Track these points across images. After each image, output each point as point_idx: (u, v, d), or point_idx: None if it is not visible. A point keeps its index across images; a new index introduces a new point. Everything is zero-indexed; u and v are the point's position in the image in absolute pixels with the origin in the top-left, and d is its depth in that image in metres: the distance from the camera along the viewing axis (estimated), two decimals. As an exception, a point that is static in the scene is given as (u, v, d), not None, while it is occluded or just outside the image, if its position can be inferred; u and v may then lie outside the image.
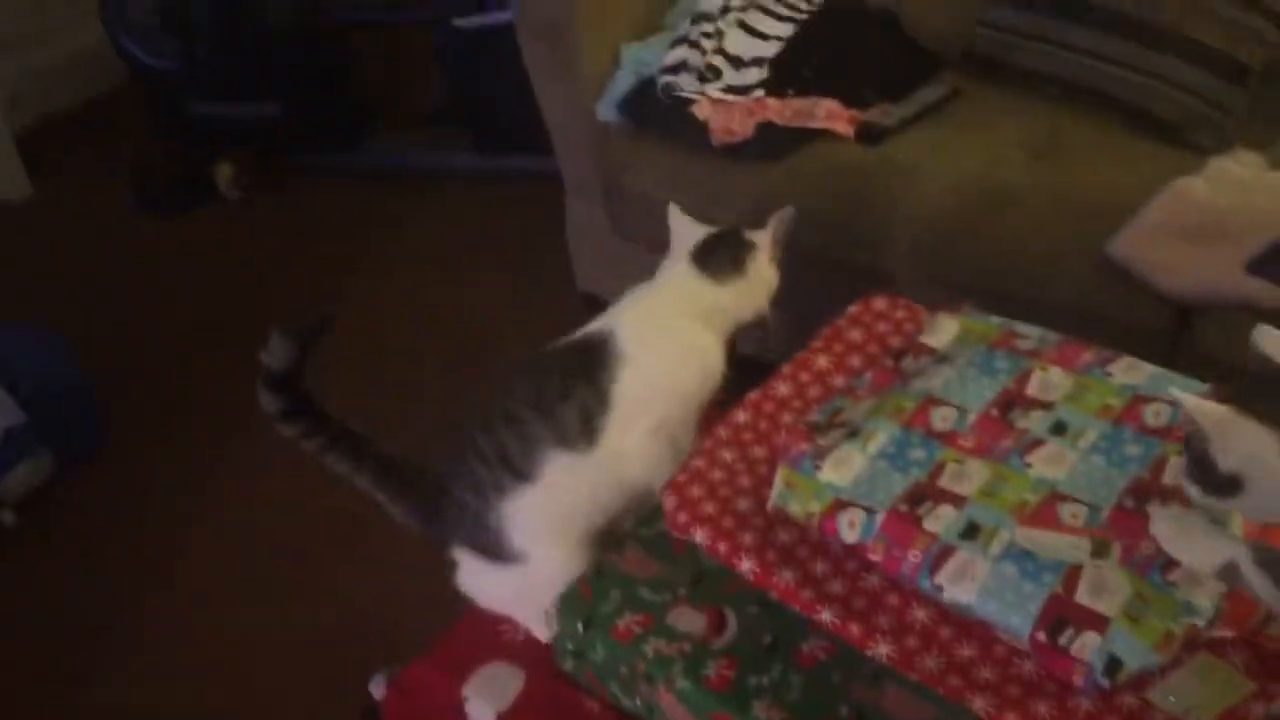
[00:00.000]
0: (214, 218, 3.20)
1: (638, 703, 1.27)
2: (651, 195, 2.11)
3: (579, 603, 1.30)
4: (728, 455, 1.28)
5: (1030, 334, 1.32)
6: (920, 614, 1.11)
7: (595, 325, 1.43)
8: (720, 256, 1.46)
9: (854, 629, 1.10)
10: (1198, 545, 1.05)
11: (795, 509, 1.16)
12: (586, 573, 1.35)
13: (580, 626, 1.28)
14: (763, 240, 1.49)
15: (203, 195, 3.20)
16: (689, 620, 1.27)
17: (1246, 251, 1.76)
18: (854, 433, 1.20)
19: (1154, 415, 1.18)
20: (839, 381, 1.34)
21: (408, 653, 1.44)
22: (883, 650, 1.09)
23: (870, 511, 1.13)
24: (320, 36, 3.18)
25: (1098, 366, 1.25)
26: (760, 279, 1.47)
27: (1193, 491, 1.01)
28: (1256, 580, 1.01)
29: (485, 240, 3.00)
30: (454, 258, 2.96)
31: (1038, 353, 1.28)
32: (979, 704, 1.03)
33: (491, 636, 1.41)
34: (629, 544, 1.37)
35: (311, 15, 3.12)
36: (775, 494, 1.17)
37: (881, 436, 1.19)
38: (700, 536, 1.20)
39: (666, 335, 1.42)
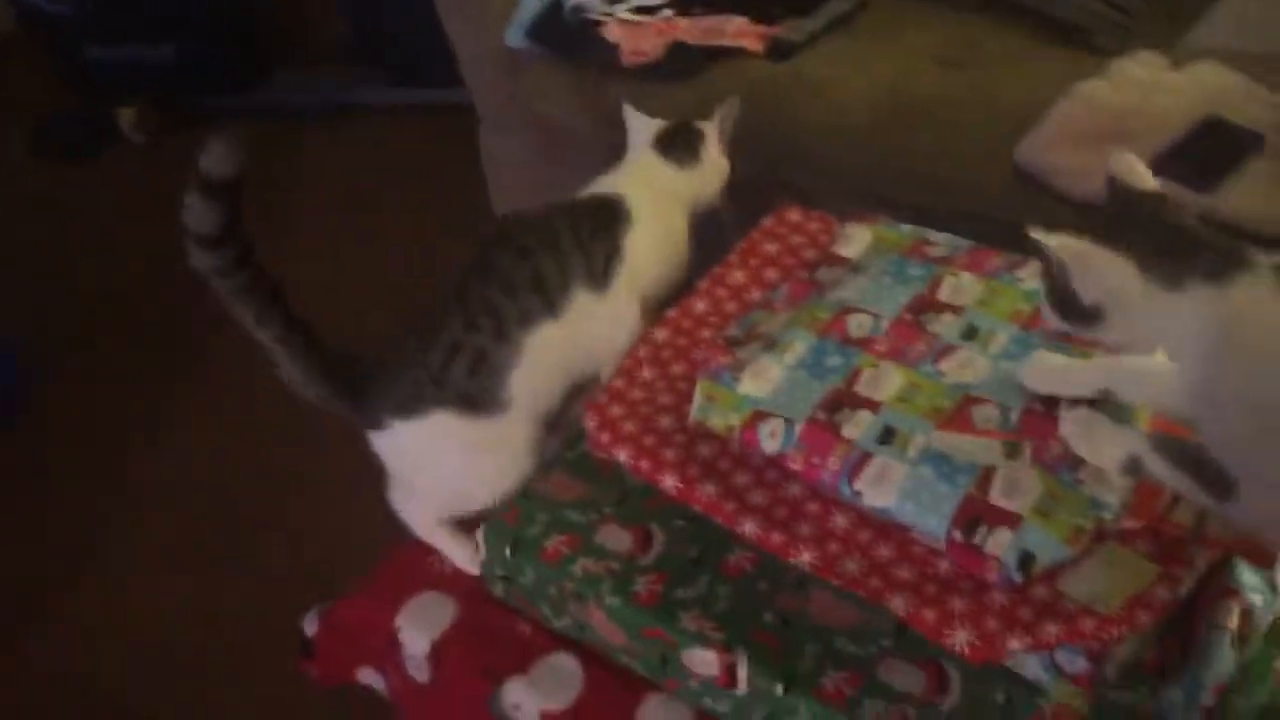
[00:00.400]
0: (119, 163, 3.12)
1: (569, 622, 1.28)
2: (565, 122, 2.09)
3: (505, 527, 1.31)
4: (647, 373, 1.28)
5: (941, 241, 1.33)
6: (840, 520, 1.13)
7: (598, 189, 1.53)
8: (679, 144, 1.56)
9: (776, 538, 1.12)
10: (1102, 443, 1.07)
11: (716, 422, 1.17)
12: (512, 497, 1.35)
13: (508, 551, 1.29)
14: (710, 130, 1.58)
15: (107, 141, 3.11)
16: (616, 538, 1.29)
17: (1147, 152, 1.78)
18: (772, 344, 1.21)
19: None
20: (756, 295, 1.35)
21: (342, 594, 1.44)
22: (805, 558, 1.11)
23: (789, 421, 1.14)
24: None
25: (1007, 271, 1.27)
26: (714, 166, 1.57)
27: (1053, 319, 1.04)
28: (1159, 468, 1.04)
29: (400, 176, 2.96)
30: (369, 196, 2.92)
31: (949, 259, 1.29)
32: (897, 603, 1.06)
33: (422, 568, 1.41)
34: (554, 467, 1.37)
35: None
36: (695, 408, 1.18)
37: (799, 346, 1.20)
38: (623, 455, 1.21)
39: (655, 211, 1.50)
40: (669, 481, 1.18)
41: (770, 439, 1.14)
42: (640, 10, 2.16)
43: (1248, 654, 1.15)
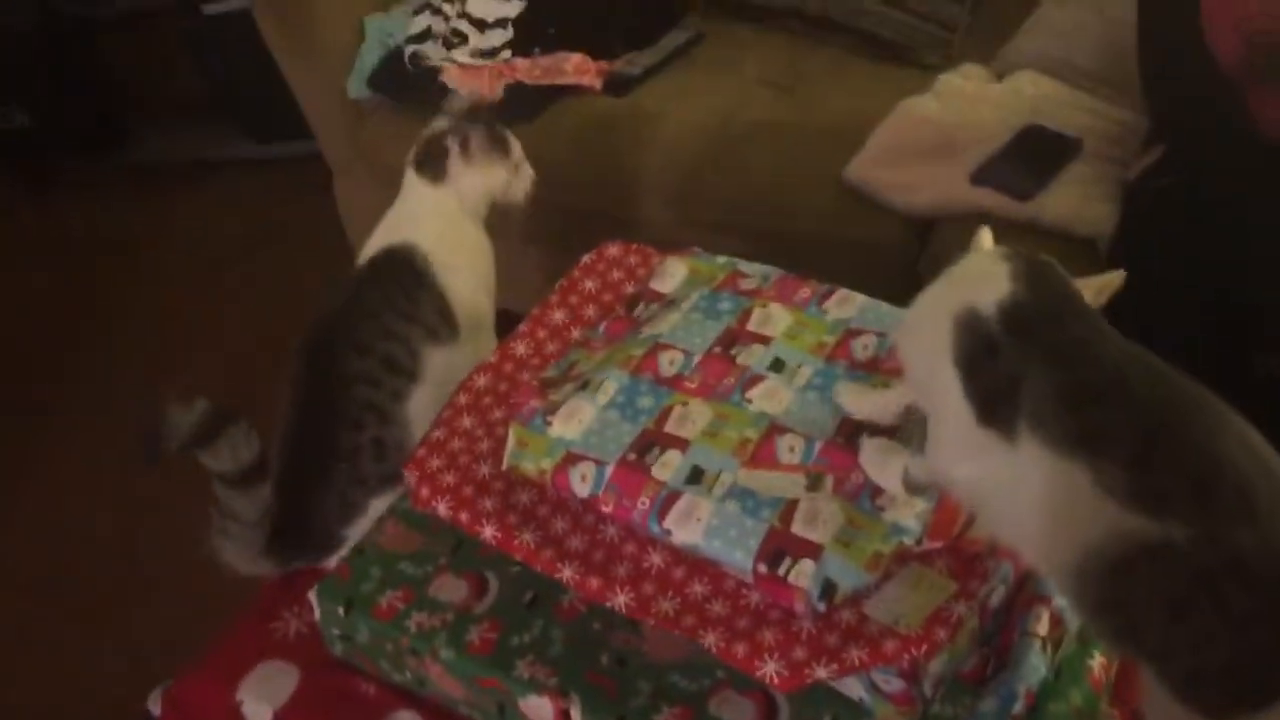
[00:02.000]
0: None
1: (409, 678, 1.28)
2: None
3: (339, 585, 1.29)
4: (467, 422, 1.28)
5: (754, 272, 1.35)
6: (656, 559, 1.14)
7: (387, 239, 1.58)
8: (429, 161, 1.62)
9: (593, 583, 1.12)
10: (888, 464, 1.10)
11: (528, 467, 1.17)
12: (346, 557, 1.34)
13: (342, 610, 1.28)
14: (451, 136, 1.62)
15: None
16: (451, 589, 1.28)
17: (971, 163, 1.83)
18: (585, 384, 1.22)
19: (862, 349, 1.23)
20: (576, 334, 1.36)
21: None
22: (621, 600, 1.11)
23: (600, 464, 1.15)
24: (61, 36, 3.04)
25: (814, 302, 1.29)
26: (478, 169, 1.61)
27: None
28: (923, 473, 1.06)
29: (265, 230, 2.93)
30: (235, 252, 2.89)
31: (759, 291, 1.31)
32: (709, 640, 1.07)
33: (262, 636, 1.40)
34: (388, 520, 1.37)
35: (47, 15, 2.98)
36: (508, 454, 1.18)
37: (611, 386, 1.21)
38: (442, 508, 1.20)
39: (444, 240, 1.57)
40: (488, 532, 1.18)
41: (581, 482, 1.15)
42: (478, 54, 2.17)
43: (1060, 657, 1.17)
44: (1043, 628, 1.16)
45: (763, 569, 1.07)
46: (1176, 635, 0.85)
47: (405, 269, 1.53)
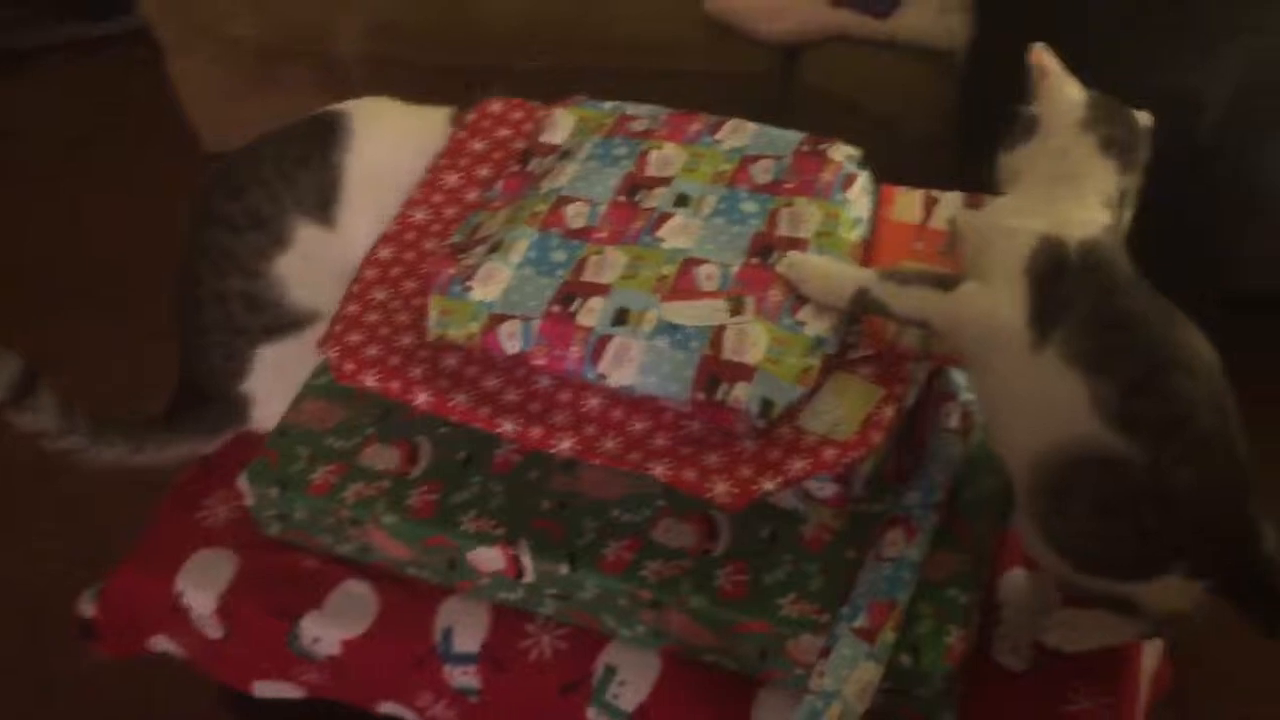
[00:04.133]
0: None
1: (352, 548, 1.30)
2: (256, 38, 2.01)
3: (268, 469, 1.30)
4: (380, 295, 1.28)
5: (642, 114, 1.36)
6: (594, 402, 1.17)
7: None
8: None
9: (535, 432, 1.15)
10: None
11: (455, 334, 1.18)
12: (269, 440, 1.34)
13: (275, 492, 1.28)
14: None
15: None
16: (383, 457, 1.30)
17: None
18: (496, 246, 1.23)
19: (763, 172, 1.26)
20: (473, 196, 1.35)
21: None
22: (565, 445, 1.15)
23: (527, 320, 1.17)
24: None
25: (707, 134, 1.31)
26: None
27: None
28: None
29: (98, 117, 2.77)
30: (72, 145, 2.73)
31: (651, 132, 1.32)
32: (659, 470, 1.11)
33: (190, 527, 1.39)
34: (304, 399, 1.37)
35: None
36: (432, 325, 1.19)
37: (522, 244, 1.22)
38: (370, 381, 1.21)
39: (392, 116, 1.47)
40: (421, 399, 1.19)
41: (510, 340, 1.17)
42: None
43: (969, 448, 1.26)
44: (955, 422, 1.25)
45: (700, 397, 1.12)
46: (1092, 526, 1.05)
47: (318, 130, 1.43)
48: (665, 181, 1.27)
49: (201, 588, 1.35)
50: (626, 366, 1.13)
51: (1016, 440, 1.09)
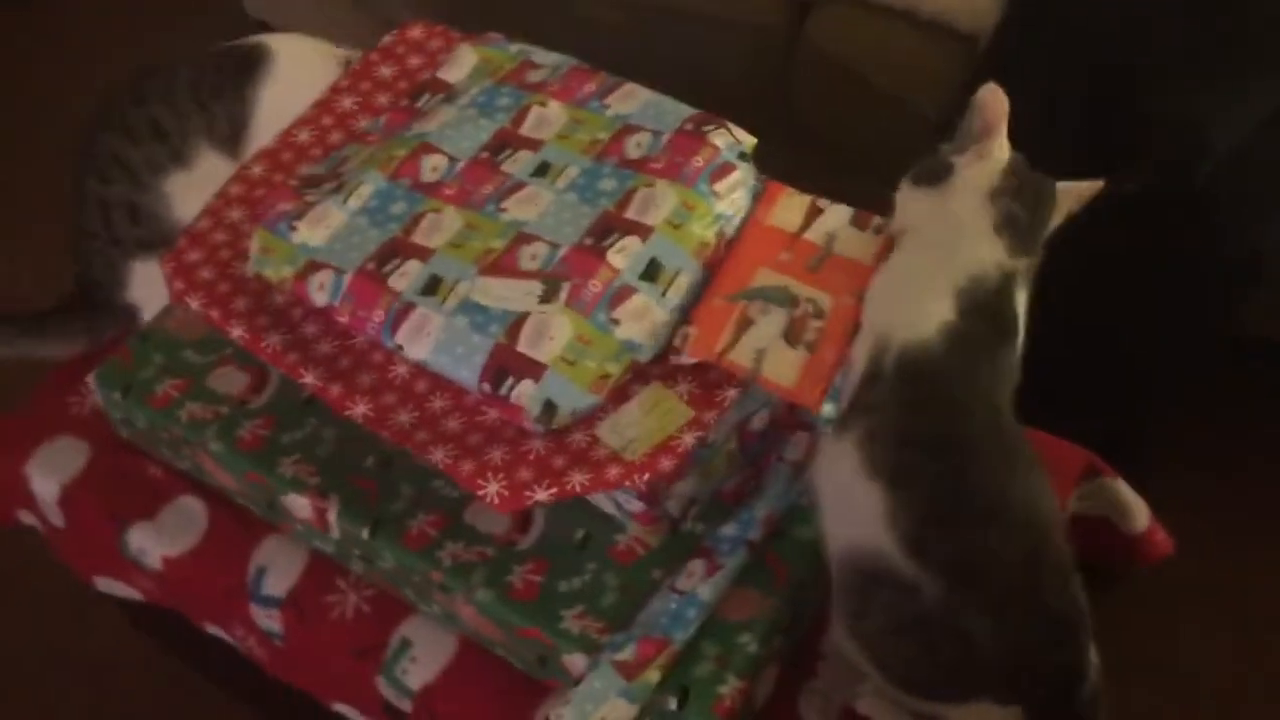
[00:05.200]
0: None
1: (190, 465, 1.27)
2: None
3: (119, 369, 1.27)
4: (235, 214, 1.23)
5: (545, 62, 1.26)
6: (401, 370, 1.11)
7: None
8: None
9: (335, 390, 1.10)
10: None
11: (270, 274, 1.12)
12: (129, 340, 1.31)
13: (119, 395, 1.25)
14: None
15: None
16: (230, 381, 1.26)
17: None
18: (340, 187, 1.15)
19: (636, 146, 1.16)
20: (363, 124, 1.28)
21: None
22: (360, 410, 1.09)
23: (339, 272, 1.10)
24: None
25: (598, 97, 1.21)
26: None
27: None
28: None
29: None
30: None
31: (543, 85, 1.23)
32: (438, 456, 1.05)
33: (58, 411, 1.38)
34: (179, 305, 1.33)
35: None
36: (252, 259, 1.13)
37: (366, 190, 1.14)
38: (195, 303, 1.16)
39: (309, 53, 1.43)
40: (236, 332, 1.14)
41: (319, 291, 1.10)
42: None
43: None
44: (797, 454, 1.14)
45: (486, 388, 1.04)
46: (890, 642, 0.98)
47: (236, 59, 1.41)
48: (534, 145, 1.17)
49: (47, 476, 1.34)
50: (423, 341, 1.06)
51: (827, 525, 1.02)
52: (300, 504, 1.18)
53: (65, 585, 1.46)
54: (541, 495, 1.01)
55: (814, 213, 1.13)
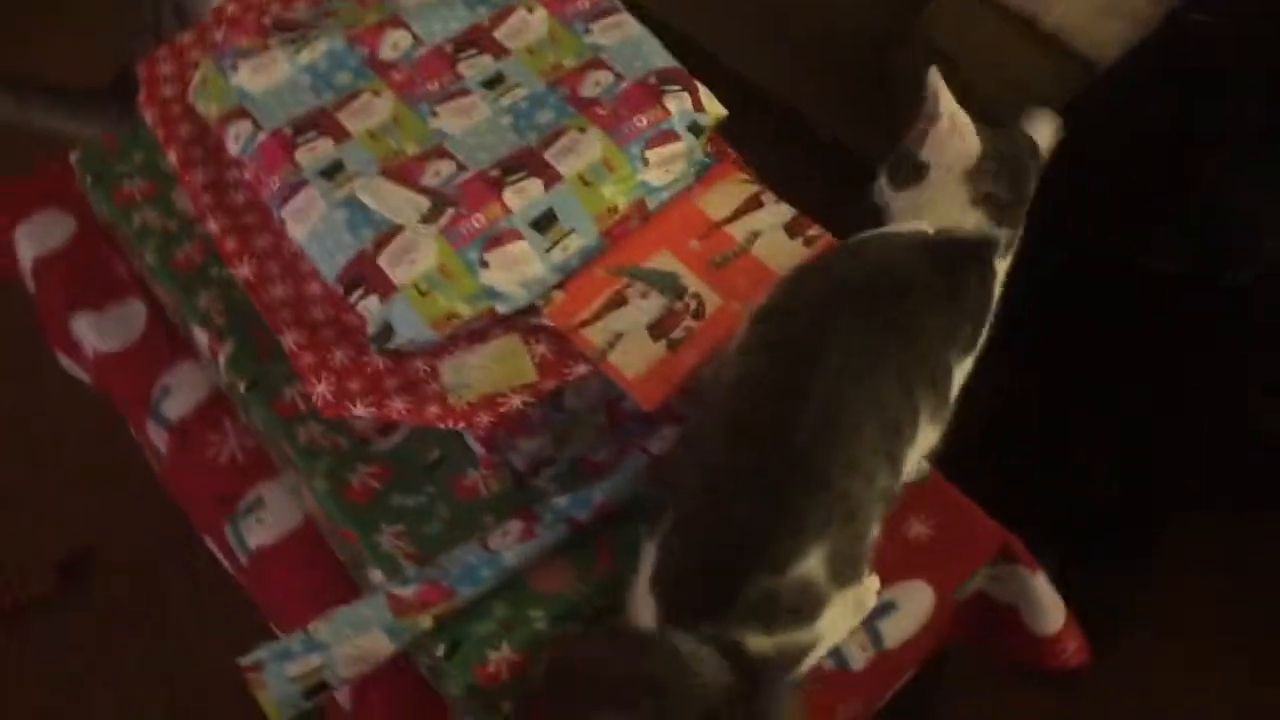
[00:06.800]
0: None
1: (139, 267, 1.29)
2: None
3: (99, 155, 1.29)
4: (218, 35, 1.21)
5: None
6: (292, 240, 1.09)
7: None
8: None
9: (229, 244, 1.09)
10: None
11: (201, 107, 1.11)
12: (121, 129, 1.32)
13: (91, 179, 1.28)
14: None
15: None
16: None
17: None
18: (297, 39, 1.12)
19: (593, 85, 1.09)
20: None
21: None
22: (244, 271, 1.07)
23: (258, 128, 1.08)
24: None
25: (585, 19, 1.13)
26: None
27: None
28: None
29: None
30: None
31: None
32: (289, 339, 1.03)
33: (59, 184, 1.41)
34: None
35: None
36: (192, 88, 1.12)
37: (320, 47, 1.11)
38: (147, 115, 1.16)
39: None
40: (171, 156, 1.14)
41: (234, 141, 1.08)
42: None
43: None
44: (655, 447, 1.08)
45: (340, 290, 1.01)
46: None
47: None
48: (500, 51, 1.11)
49: (29, 243, 1.38)
50: (303, 223, 1.04)
51: None
52: (201, 338, 1.19)
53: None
54: (360, 410, 0.99)
55: (750, 205, 1.04)
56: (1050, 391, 1.43)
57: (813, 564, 0.92)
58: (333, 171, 1.04)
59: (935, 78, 0.97)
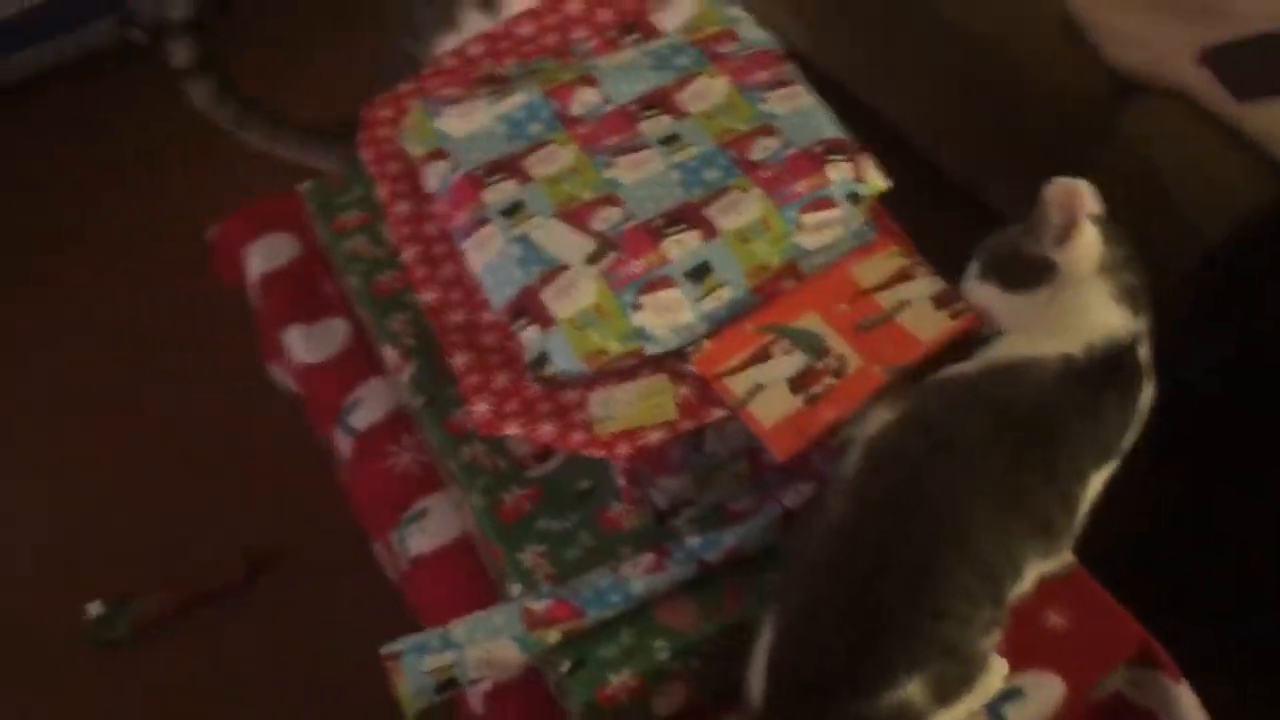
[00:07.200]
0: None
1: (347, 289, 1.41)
2: None
3: (326, 188, 1.43)
4: (434, 85, 1.32)
5: (745, 37, 1.25)
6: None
7: None
8: None
9: (419, 272, 1.19)
10: None
11: (407, 146, 1.22)
12: (346, 166, 1.46)
13: (315, 208, 1.41)
14: None
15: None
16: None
17: (1213, 38, 1.54)
18: (499, 90, 1.23)
19: (761, 149, 1.14)
20: (581, 33, 1.33)
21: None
22: (428, 296, 1.17)
23: (454, 168, 1.18)
24: None
25: (762, 88, 1.19)
26: None
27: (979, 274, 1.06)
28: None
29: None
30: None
31: (725, 59, 1.23)
32: (458, 360, 1.12)
33: (293, 209, 1.55)
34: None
35: None
36: (401, 129, 1.23)
37: (519, 100, 1.21)
38: (366, 154, 1.28)
39: None
40: (381, 190, 1.26)
41: (433, 177, 1.19)
42: None
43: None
44: (795, 501, 1.12)
45: (505, 319, 1.09)
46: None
47: None
48: (680, 114, 1.19)
49: (258, 260, 1.54)
50: (481, 255, 1.13)
51: None
52: (391, 356, 1.30)
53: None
54: (512, 430, 1.06)
55: (901, 276, 1.08)
56: (1200, 479, 1.39)
57: (910, 690, 0.94)
58: (513, 210, 1.13)
59: (1067, 189, 0.99)
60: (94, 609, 1.79)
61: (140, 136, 2.41)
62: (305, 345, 1.44)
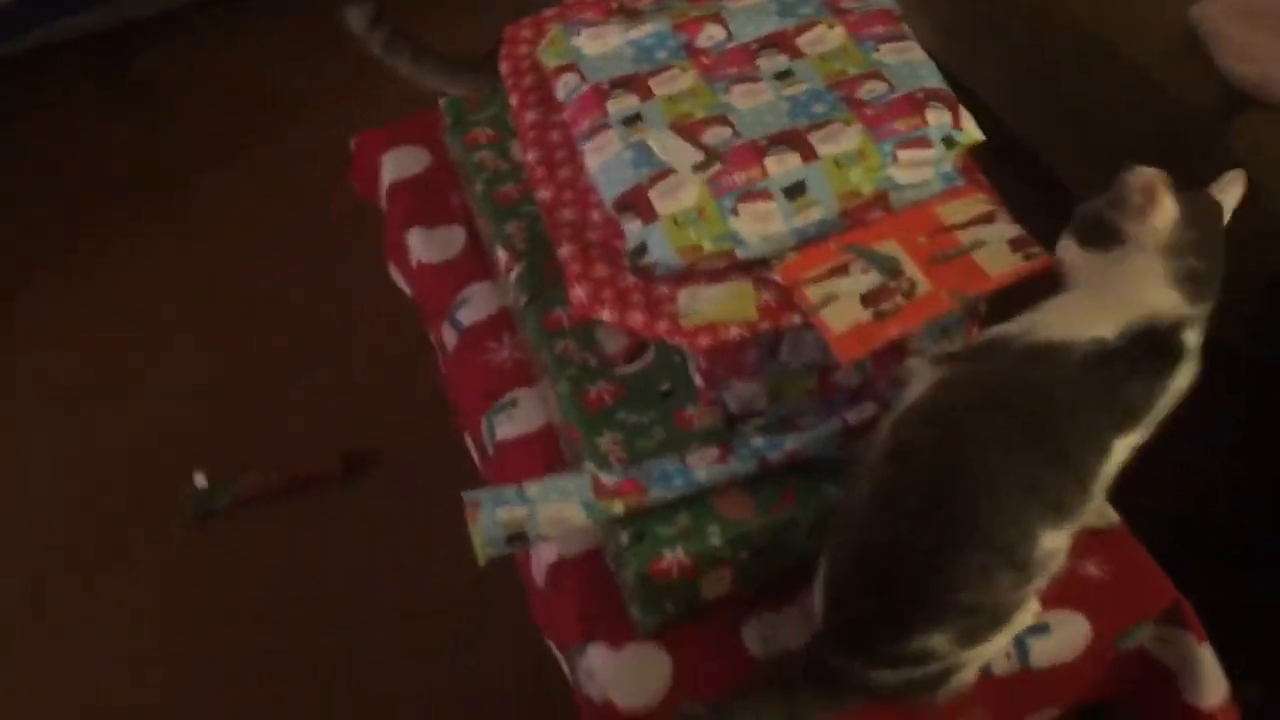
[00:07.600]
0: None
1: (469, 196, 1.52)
2: None
3: (458, 106, 1.55)
4: (573, 12, 1.43)
5: None
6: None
7: None
8: None
9: (539, 171, 1.30)
10: None
11: (544, 60, 1.33)
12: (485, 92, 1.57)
13: (450, 121, 1.53)
14: None
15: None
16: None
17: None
18: (633, 15, 1.33)
19: (868, 91, 1.22)
20: None
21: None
22: (545, 194, 1.28)
23: (583, 80, 1.28)
24: None
25: (877, 41, 1.28)
26: None
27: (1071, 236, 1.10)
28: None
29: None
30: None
31: (845, 13, 1.31)
32: (564, 249, 1.22)
33: (428, 125, 1.67)
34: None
35: None
36: (540, 46, 1.34)
37: (649, 28, 1.31)
38: (504, 67, 1.39)
39: None
40: (513, 99, 1.37)
41: (562, 88, 1.29)
42: None
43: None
44: (859, 418, 1.20)
45: (612, 212, 1.20)
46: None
47: None
48: (796, 54, 1.28)
49: (390, 170, 1.66)
50: (598, 156, 1.23)
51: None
52: (501, 257, 1.41)
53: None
54: (605, 315, 1.16)
55: (982, 219, 1.15)
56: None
57: (936, 640, 1.03)
58: (631, 120, 1.23)
59: (1147, 179, 1.04)
60: (199, 480, 1.91)
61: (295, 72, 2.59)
62: (425, 246, 1.56)
